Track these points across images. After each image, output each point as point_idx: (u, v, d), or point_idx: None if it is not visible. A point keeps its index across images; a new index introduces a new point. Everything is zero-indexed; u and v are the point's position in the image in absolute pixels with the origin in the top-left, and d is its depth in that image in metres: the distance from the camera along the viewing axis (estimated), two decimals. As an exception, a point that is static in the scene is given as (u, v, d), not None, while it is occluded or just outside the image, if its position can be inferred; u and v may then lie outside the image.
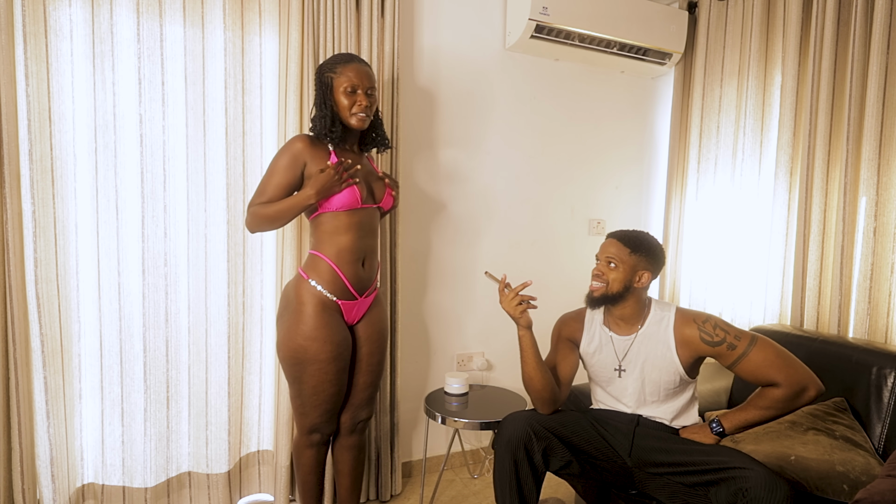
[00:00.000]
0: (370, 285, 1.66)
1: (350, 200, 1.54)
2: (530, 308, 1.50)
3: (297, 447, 1.68)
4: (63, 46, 1.64)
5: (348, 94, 1.53)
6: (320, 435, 1.66)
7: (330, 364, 1.55)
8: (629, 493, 1.51)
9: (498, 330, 2.43)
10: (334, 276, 1.55)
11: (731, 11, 2.26)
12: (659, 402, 1.54)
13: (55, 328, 1.68)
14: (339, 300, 1.57)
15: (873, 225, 1.74)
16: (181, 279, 1.86)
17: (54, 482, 1.69)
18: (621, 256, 1.50)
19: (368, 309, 1.68)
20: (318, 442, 1.67)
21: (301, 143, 1.53)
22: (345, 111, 1.54)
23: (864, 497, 1.08)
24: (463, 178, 2.32)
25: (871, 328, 1.74)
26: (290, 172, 1.53)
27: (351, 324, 1.65)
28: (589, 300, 1.57)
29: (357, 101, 1.53)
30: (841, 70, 1.84)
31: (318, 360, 1.54)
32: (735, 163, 2.25)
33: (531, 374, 1.50)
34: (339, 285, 1.56)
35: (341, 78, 1.53)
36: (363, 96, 1.53)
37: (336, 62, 1.55)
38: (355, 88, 1.53)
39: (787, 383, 1.37)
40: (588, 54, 2.36)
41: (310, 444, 1.66)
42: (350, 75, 1.52)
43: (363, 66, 1.56)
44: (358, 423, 1.72)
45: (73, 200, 1.70)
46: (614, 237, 1.55)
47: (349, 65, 1.54)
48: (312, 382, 1.56)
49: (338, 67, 1.54)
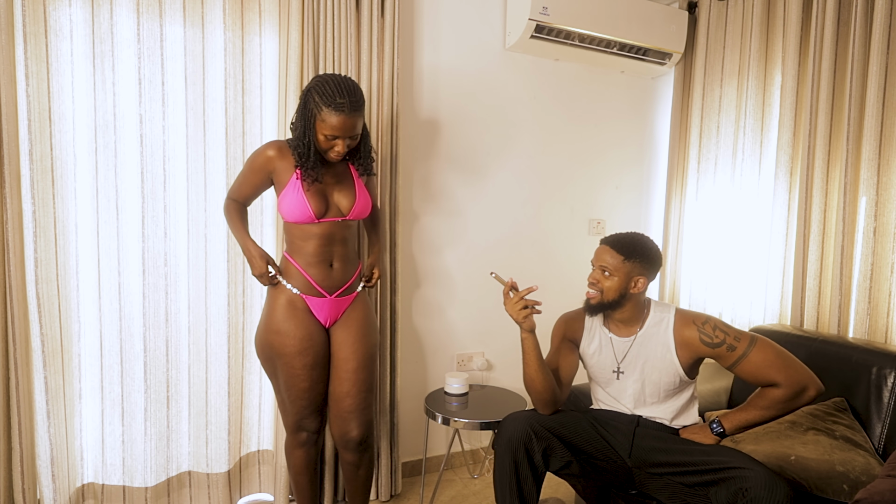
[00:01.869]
0: (342, 285, 1.63)
1: (302, 217, 1.53)
2: (535, 313, 1.49)
3: (287, 447, 1.70)
4: (63, 46, 1.64)
5: (327, 140, 1.49)
6: (306, 434, 1.66)
7: (295, 358, 1.56)
8: (629, 493, 1.51)
9: (498, 330, 2.43)
10: (299, 274, 1.59)
11: (731, 11, 2.26)
12: (658, 402, 1.54)
13: (55, 328, 1.68)
14: (304, 295, 1.59)
15: (873, 225, 1.74)
16: (181, 279, 1.86)
17: (54, 482, 1.69)
18: (615, 264, 1.50)
19: (345, 312, 1.65)
20: (305, 441, 1.66)
21: (272, 152, 1.56)
22: (322, 146, 1.51)
23: (864, 497, 1.08)
24: (462, 177, 2.32)
25: (871, 328, 1.74)
26: (257, 177, 1.60)
27: (326, 326, 1.63)
28: (587, 308, 1.57)
29: (333, 147, 1.50)
30: (841, 70, 1.84)
31: (284, 353, 1.56)
32: (735, 163, 2.25)
33: (533, 376, 1.50)
34: (303, 282, 1.59)
35: (324, 124, 1.46)
36: (342, 144, 1.49)
37: (326, 102, 1.44)
38: (336, 136, 1.48)
39: (788, 383, 1.37)
40: (588, 54, 2.36)
41: (298, 444, 1.67)
42: (334, 125, 1.45)
43: (351, 117, 1.45)
44: (348, 442, 1.62)
45: (73, 200, 1.71)
46: (607, 244, 1.53)
47: (336, 115, 1.44)
48: (283, 378, 1.58)
49: (324, 110, 1.44)
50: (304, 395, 1.59)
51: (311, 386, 1.60)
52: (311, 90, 1.48)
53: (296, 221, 1.55)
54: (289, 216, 1.55)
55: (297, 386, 1.58)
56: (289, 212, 1.54)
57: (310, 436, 1.67)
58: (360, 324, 1.65)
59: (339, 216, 1.59)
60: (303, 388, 1.58)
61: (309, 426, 1.65)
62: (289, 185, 1.54)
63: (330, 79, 1.47)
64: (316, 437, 1.69)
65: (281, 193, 1.56)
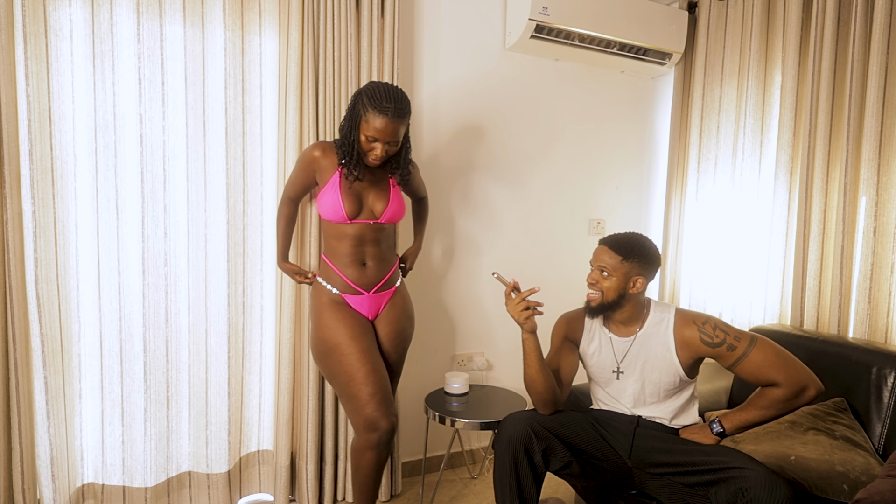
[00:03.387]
0: (378, 282, 1.70)
1: (336, 217, 1.62)
2: (536, 314, 1.49)
3: (356, 449, 1.60)
4: (63, 46, 1.64)
5: (368, 141, 1.56)
6: (377, 434, 1.55)
7: (350, 345, 1.59)
8: (629, 493, 1.51)
9: (498, 330, 2.43)
10: (337, 276, 1.67)
11: (731, 11, 2.26)
12: (658, 402, 1.54)
13: (55, 328, 1.68)
14: (343, 294, 1.67)
15: (873, 225, 1.74)
16: (181, 279, 1.86)
17: (54, 482, 1.69)
18: (613, 265, 1.50)
19: (386, 306, 1.73)
20: (377, 443, 1.56)
21: (317, 152, 1.65)
22: (363, 147, 1.58)
23: (864, 497, 1.08)
24: (462, 178, 2.31)
25: (871, 328, 1.74)
26: (304, 175, 1.70)
27: (371, 318, 1.71)
28: (588, 311, 1.57)
29: (373, 150, 1.56)
30: (841, 70, 1.84)
31: (339, 343, 1.59)
32: (735, 163, 2.25)
33: (533, 376, 1.50)
34: (341, 282, 1.67)
35: (367, 125, 1.53)
36: (381, 148, 1.55)
37: (372, 104, 1.51)
38: (376, 138, 1.54)
39: (788, 383, 1.37)
40: (588, 54, 2.36)
41: (369, 446, 1.57)
42: (376, 127, 1.51)
43: (392, 121, 1.51)
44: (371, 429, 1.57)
45: (73, 200, 1.70)
46: (606, 244, 1.54)
47: (380, 117, 1.50)
48: (344, 368, 1.58)
49: (369, 112, 1.51)
50: (367, 379, 1.56)
51: (373, 369, 1.58)
52: (361, 92, 1.55)
53: (329, 220, 1.64)
54: (324, 213, 1.65)
55: (360, 371, 1.57)
56: (324, 209, 1.64)
57: (381, 436, 1.56)
58: (399, 318, 1.75)
59: (372, 219, 1.66)
60: (365, 371, 1.57)
61: (380, 423, 1.55)
62: (328, 184, 1.63)
63: (381, 84, 1.55)
64: (388, 438, 1.58)
65: (319, 194, 1.65)
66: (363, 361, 1.58)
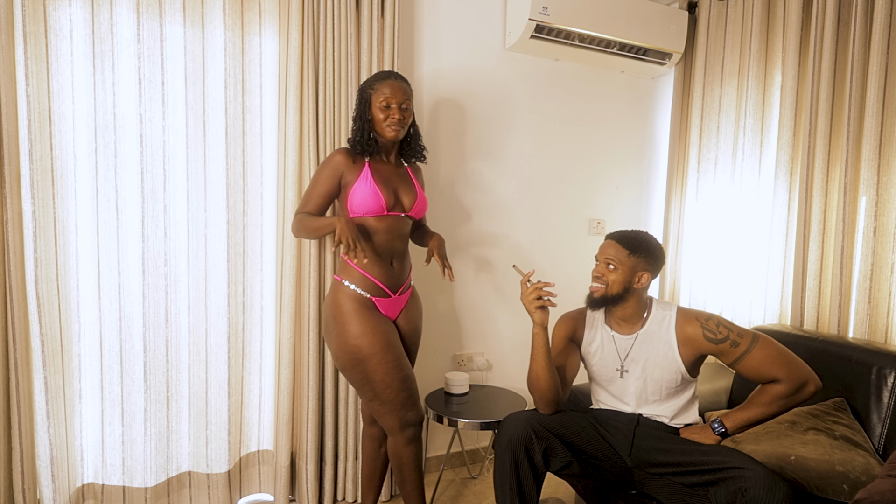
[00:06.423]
0: (402, 283, 1.73)
1: (374, 207, 1.63)
2: (549, 305, 1.49)
3: (394, 449, 1.67)
4: (63, 46, 1.64)
5: (383, 109, 1.63)
6: (412, 429, 1.65)
7: (387, 353, 1.60)
8: (629, 493, 1.51)
9: (498, 330, 2.43)
10: (361, 277, 1.65)
11: (731, 11, 2.26)
12: (660, 400, 1.54)
13: (55, 328, 1.68)
14: (374, 297, 1.66)
15: (873, 225, 1.74)
16: (181, 279, 1.86)
17: (54, 482, 1.69)
18: (620, 258, 1.50)
19: (405, 306, 1.75)
20: (412, 437, 1.65)
21: (340, 157, 1.67)
22: (380, 125, 1.65)
23: (864, 497, 1.08)
24: (462, 178, 2.32)
25: (871, 328, 1.74)
26: (329, 182, 1.67)
27: (392, 319, 1.72)
28: (589, 301, 1.57)
29: (390, 115, 1.63)
30: (841, 70, 1.84)
31: (375, 352, 1.59)
32: (735, 163, 2.25)
33: (539, 373, 1.49)
34: (370, 284, 1.66)
35: (377, 94, 1.63)
36: (396, 110, 1.63)
37: (375, 80, 1.65)
38: (389, 104, 1.62)
39: (789, 378, 1.38)
40: (588, 54, 2.36)
41: (406, 442, 1.65)
42: (385, 91, 1.62)
43: (399, 82, 1.65)
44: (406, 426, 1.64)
45: (73, 200, 1.70)
46: (613, 238, 1.55)
47: (385, 81, 1.64)
48: (379, 376, 1.59)
49: (376, 84, 1.64)
50: (404, 384, 1.62)
51: (408, 374, 1.65)
52: (362, 85, 1.69)
53: (365, 213, 1.63)
54: (360, 207, 1.63)
55: (397, 378, 1.61)
56: (361, 202, 1.62)
57: (415, 430, 1.66)
58: (416, 316, 1.80)
59: (402, 212, 1.71)
60: (402, 377, 1.62)
61: (413, 419, 1.64)
62: (359, 180, 1.64)
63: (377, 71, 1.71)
64: (420, 431, 1.68)
65: (351, 189, 1.64)
66: (399, 368, 1.62)
